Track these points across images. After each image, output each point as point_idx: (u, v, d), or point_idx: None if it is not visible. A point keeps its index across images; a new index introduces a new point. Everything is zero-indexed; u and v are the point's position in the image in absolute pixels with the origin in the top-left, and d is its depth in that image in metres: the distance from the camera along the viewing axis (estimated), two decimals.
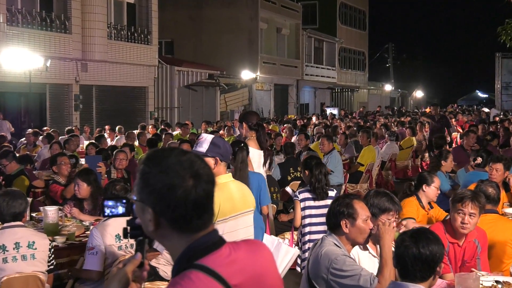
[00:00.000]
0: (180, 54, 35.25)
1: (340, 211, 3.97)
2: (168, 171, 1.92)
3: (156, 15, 26.22)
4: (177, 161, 1.94)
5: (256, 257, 2.07)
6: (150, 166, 1.96)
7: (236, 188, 4.45)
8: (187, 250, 1.94)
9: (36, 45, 20.12)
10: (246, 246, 2.08)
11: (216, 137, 4.41)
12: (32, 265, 5.11)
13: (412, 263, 3.20)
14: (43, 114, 22.17)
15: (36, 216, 6.98)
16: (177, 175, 1.92)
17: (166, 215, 1.93)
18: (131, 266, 2.00)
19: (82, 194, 6.96)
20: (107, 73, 23.77)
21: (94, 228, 5.52)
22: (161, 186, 1.91)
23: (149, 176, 1.94)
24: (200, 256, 1.93)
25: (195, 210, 1.92)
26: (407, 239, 3.25)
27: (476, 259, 4.87)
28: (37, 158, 12.79)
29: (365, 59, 55.57)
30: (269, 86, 39.04)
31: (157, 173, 1.93)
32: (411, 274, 3.21)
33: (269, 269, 2.11)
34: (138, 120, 24.05)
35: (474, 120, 25.80)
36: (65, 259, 5.90)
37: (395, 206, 4.37)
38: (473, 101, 73.23)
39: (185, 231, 1.95)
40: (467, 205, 4.70)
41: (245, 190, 4.60)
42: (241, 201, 4.43)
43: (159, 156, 1.98)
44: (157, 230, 1.96)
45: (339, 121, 25.35)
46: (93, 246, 5.36)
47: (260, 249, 2.12)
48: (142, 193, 1.96)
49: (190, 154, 2.00)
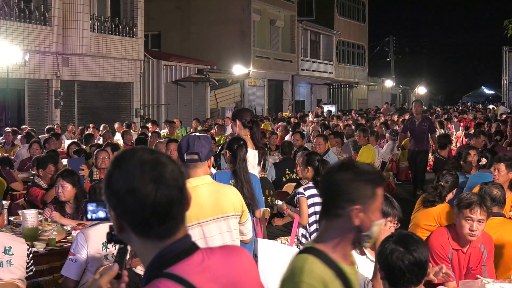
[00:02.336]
0: (168, 47, 35.21)
1: None
2: (127, 174, 1.94)
3: (142, 6, 26.16)
4: (139, 163, 1.95)
5: (232, 264, 2.07)
6: (113, 167, 1.98)
7: (208, 192, 4.34)
8: (156, 258, 1.95)
9: (14, 38, 20.04)
10: (221, 252, 2.08)
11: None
12: (9, 272, 5.08)
13: (409, 270, 3.23)
14: (22, 111, 22.08)
15: (14, 220, 6.94)
16: (136, 178, 1.92)
17: (125, 219, 1.95)
18: (106, 277, 1.99)
19: (66, 197, 6.90)
20: (90, 68, 23.70)
21: (80, 233, 5.41)
22: (120, 188, 1.93)
23: (112, 177, 1.97)
24: (170, 264, 1.93)
25: (155, 216, 1.92)
26: (396, 247, 3.27)
27: (482, 266, 4.88)
28: (15, 158, 12.77)
29: (365, 53, 55.64)
30: (262, 81, 39.04)
31: (118, 175, 1.95)
32: (408, 281, 3.25)
33: (248, 275, 2.11)
34: (122, 118, 23.99)
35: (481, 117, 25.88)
36: (45, 266, 5.88)
37: (393, 211, 4.38)
38: (479, 98, 73.48)
39: (149, 237, 1.96)
40: (475, 212, 4.71)
41: (223, 194, 4.47)
42: (214, 206, 4.34)
43: (122, 157, 2.00)
44: (121, 233, 1.99)
45: (335, 119, 25.36)
46: (74, 253, 5.29)
47: (237, 255, 2.13)
48: (106, 193, 1.99)
49: (157, 155, 1.99)
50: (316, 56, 46.24)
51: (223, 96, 35.99)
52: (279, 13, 40.31)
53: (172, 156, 9.46)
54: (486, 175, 7.76)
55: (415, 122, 14.07)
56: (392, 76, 62.79)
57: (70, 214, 6.95)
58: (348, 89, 53.63)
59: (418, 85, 68.98)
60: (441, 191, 6.26)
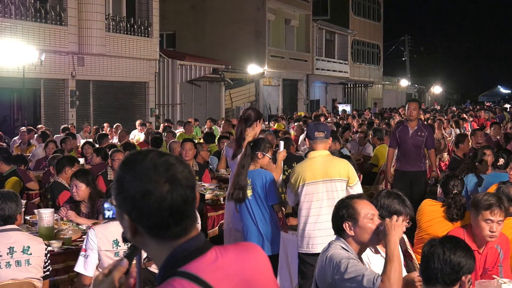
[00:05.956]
0: (183, 47, 35.27)
1: (340, 214, 4.01)
2: (141, 176, 1.93)
3: (157, 6, 26.23)
4: (151, 165, 1.95)
5: (246, 261, 2.07)
6: (124, 170, 1.98)
7: (321, 162, 6.06)
8: (170, 258, 1.96)
9: (30, 38, 20.17)
10: (235, 250, 2.08)
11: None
12: (26, 271, 5.11)
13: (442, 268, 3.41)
14: (37, 111, 22.22)
15: (30, 219, 6.98)
16: (151, 181, 1.92)
17: (141, 222, 1.95)
18: (117, 273, 2.00)
19: (81, 196, 6.89)
20: (105, 68, 23.80)
21: (91, 229, 5.48)
22: (135, 192, 1.92)
23: (124, 182, 1.96)
24: (184, 263, 1.94)
25: (172, 217, 1.93)
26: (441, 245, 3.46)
27: (498, 267, 4.86)
28: (31, 157, 12.83)
29: (380, 52, 55.48)
30: (277, 81, 39.02)
31: (131, 179, 1.94)
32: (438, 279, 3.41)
33: (262, 273, 2.11)
34: (137, 117, 24.02)
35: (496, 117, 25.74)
36: (61, 265, 5.91)
37: (406, 209, 4.38)
38: (495, 97, 73.04)
39: (164, 239, 1.96)
40: (496, 214, 4.70)
41: (332, 163, 6.09)
42: (323, 171, 5.98)
43: (133, 160, 1.99)
44: (135, 237, 1.99)
45: (350, 119, 25.31)
46: (85, 248, 5.35)
47: (251, 252, 2.12)
48: (118, 199, 1.98)
49: (167, 157, 1.99)
50: (331, 56, 46.16)
51: (238, 96, 36.01)
52: (294, 12, 40.28)
53: (187, 155, 9.54)
54: (502, 174, 7.72)
55: (408, 131, 10.02)
56: (408, 76, 62.57)
57: (86, 213, 6.96)
58: (363, 89, 53.50)
59: (434, 84, 68.72)
60: (456, 206, 5.98)
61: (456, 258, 3.38)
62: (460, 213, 5.92)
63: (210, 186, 9.57)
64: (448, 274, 3.37)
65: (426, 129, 10.18)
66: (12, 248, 5.06)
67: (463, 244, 3.50)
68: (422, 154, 10.04)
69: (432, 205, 6.20)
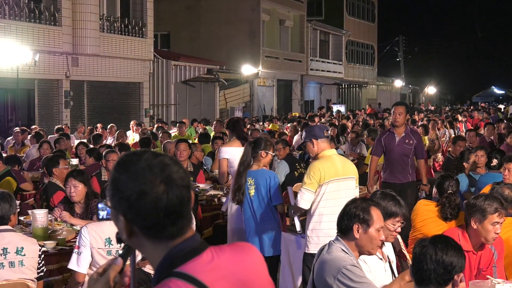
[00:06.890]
0: (177, 47, 35.25)
1: (356, 214, 3.97)
2: (137, 177, 1.93)
3: (151, 6, 26.22)
4: (147, 166, 1.95)
5: (242, 262, 2.07)
6: (119, 171, 1.97)
7: (339, 159, 6.13)
8: (166, 258, 1.96)
9: (24, 38, 20.11)
10: (231, 250, 2.08)
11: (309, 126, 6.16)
12: (20, 272, 5.09)
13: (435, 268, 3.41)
14: (32, 111, 22.17)
15: (24, 220, 6.97)
16: (147, 181, 1.92)
17: (137, 223, 1.95)
18: (112, 272, 2.00)
19: (79, 196, 6.77)
20: (99, 68, 23.76)
21: (84, 227, 5.44)
22: (130, 193, 1.92)
23: (119, 183, 1.95)
24: (180, 263, 1.94)
25: (168, 217, 1.93)
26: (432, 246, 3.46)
27: (492, 267, 4.87)
28: (25, 158, 12.79)
29: (374, 53, 55.53)
30: (271, 81, 39.03)
31: (126, 180, 1.94)
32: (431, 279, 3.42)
33: (257, 273, 2.11)
34: (132, 118, 24.00)
35: (490, 118, 25.82)
36: (55, 266, 5.90)
37: (401, 210, 4.39)
38: (489, 97, 73.26)
39: (160, 239, 1.96)
40: (502, 215, 4.73)
41: (347, 162, 6.27)
42: (343, 169, 6.03)
43: (128, 161, 1.98)
44: (130, 238, 1.99)
45: (344, 120, 25.33)
46: (78, 245, 5.32)
47: (247, 253, 2.12)
48: (113, 200, 1.97)
49: (162, 157, 1.99)
50: (325, 56, 46.19)
51: (233, 96, 36.02)
52: (288, 13, 40.29)
53: (181, 156, 9.52)
54: (496, 175, 7.75)
55: (395, 138, 9.14)
56: (402, 76, 62.61)
57: (80, 214, 6.89)
58: (358, 89, 53.52)
59: (428, 84, 68.82)
60: (451, 206, 5.98)
61: (449, 258, 3.38)
62: (454, 213, 5.92)
63: (205, 186, 9.57)
64: (441, 274, 3.38)
65: (414, 136, 9.24)
66: (6, 249, 5.04)
67: (454, 243, 3.51)
68: (411, 164, 9.15)
69: (427, 205, 6.21)
